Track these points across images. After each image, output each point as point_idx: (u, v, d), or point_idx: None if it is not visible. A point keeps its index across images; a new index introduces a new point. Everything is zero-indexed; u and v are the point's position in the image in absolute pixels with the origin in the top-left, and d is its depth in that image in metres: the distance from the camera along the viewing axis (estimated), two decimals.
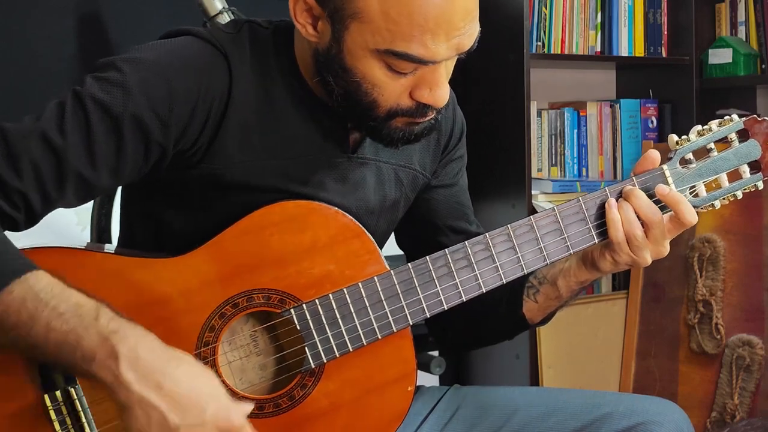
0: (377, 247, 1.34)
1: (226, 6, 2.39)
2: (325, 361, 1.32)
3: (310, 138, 1.37)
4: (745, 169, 1.42)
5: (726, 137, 1.41)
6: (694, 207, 1.41)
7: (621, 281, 3.15)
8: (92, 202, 2.28)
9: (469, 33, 1.26)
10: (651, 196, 1.37)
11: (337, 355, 1.32)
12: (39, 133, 1.22)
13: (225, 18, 2.37)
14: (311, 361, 1.31)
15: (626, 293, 3.05)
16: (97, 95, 1.24)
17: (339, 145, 1.39)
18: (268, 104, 1.35)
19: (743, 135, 1.42)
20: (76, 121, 1.23)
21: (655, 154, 1.39)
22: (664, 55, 3.21)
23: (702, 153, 1.41)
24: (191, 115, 1.28)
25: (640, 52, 3.19)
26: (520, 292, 1.48)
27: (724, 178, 1.42)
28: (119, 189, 2.22)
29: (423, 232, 1.54)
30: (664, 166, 1.39)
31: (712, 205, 1.42)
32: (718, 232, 2.87)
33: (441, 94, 1.29)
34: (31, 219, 1.26)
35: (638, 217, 1.35)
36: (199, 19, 2.39)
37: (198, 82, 1.29)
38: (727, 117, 1.42)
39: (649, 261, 1.37)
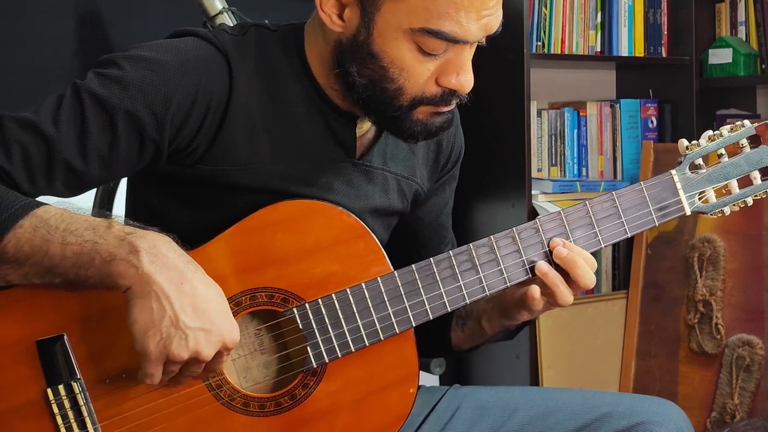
0: (381, 247, 1.34)
1: (226, 6, 2.39)
2: (326, 360, 1.31)
3: (318, 141, 1.37)
4: (756, 176, 1.41)
5: (737, 143, 1.40)
6: (703, 213, 1.40)
7: (621, 281, 3.15)
8: (93, 202, 2.28)
9: (497, 14, 1.29)
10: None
11: (339, 356, 1.31)
12: (34, 122, 1.25)
13: (225, 18, 2.37)
14: (313, 360, 1.31)
15: (626, 293, 3.05)
16: (94, 89, 1.27)
17: (345, 149, 1.40)
18: (276, 106, 1.35)
19: (755, 141, 1.40)
20: (72, 114, 1.26)
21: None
22: (664, 55, 3.21)
23: (712, 158, 1.40)
24: (187, 114, 1.30)
25: (640, 52, 3.18)
26: (450, 317, 1.49)
27: (734, 184, 1.40)
28: (121, 185, 2.25)
29: (395, 244, 1.51)
30: (673, 172, 1.39)
31: (722, 211, 1.41)
32: (718, 232, 2.86)
33: (467, 78, 1.31)
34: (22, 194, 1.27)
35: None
36: (199, 19, 2.39)
37: (196, 81, 1.30)
38: (738, 123, 1.41)
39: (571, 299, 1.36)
